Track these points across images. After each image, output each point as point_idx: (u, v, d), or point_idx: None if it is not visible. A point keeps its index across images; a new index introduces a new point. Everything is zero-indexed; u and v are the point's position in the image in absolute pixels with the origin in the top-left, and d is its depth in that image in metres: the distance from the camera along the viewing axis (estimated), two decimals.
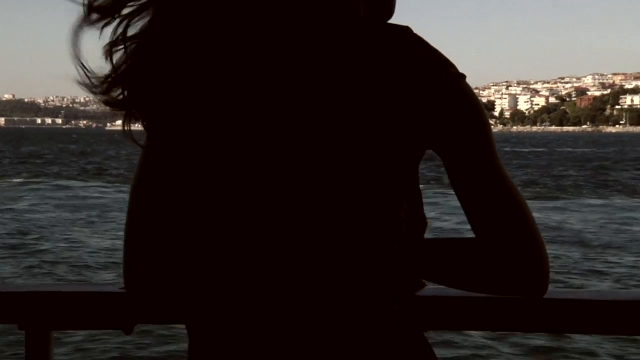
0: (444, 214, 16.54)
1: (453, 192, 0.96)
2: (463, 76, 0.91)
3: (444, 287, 1.02)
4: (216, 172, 0.89)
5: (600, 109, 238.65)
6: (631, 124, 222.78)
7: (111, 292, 1.21)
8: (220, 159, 0.89)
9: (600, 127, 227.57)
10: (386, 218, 0.88)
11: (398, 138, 0.88)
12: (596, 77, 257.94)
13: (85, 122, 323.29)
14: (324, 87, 0.87)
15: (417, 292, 1.00)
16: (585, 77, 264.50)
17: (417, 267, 0.97)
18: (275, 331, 0.88)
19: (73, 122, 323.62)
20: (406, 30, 0.91)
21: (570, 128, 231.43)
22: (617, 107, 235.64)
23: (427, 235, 0.98)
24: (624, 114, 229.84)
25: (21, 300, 1.23)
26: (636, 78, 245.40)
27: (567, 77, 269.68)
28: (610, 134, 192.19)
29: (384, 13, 0.99)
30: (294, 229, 0.86)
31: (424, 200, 0.97)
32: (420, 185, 0.95)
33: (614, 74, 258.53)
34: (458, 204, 0.94)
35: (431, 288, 1.06)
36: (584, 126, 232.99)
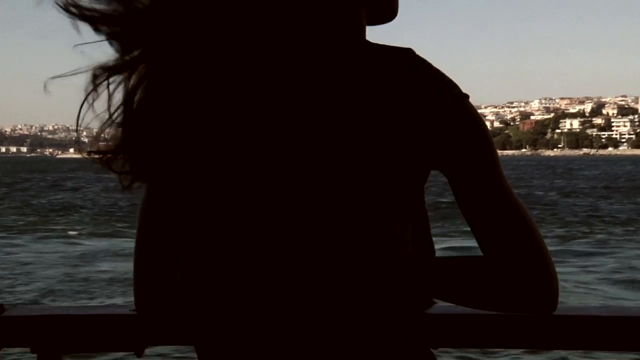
0: None
1: None
2: (467, 96, 0.92)
3: (453, 305, 1.03)
4: (227, 199, 0.91)
5: (542, 132, 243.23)
6: (569, 147, 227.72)
7: (122, 315, 1.23)
8: (232, 188, 0.91)
9: (540, 150, 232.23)
10: (390, 238, 0.89)
11: (403, 158, 0.89)
12: (543, 101, 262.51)
13: (51, 150, 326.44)
14: (331, 110, 0.88)
15: (427, 310, 1.01)
16: (532, 101, 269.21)
17: (426, 286, 0.98)
18: (284, 352, 0.91)
19: (39, 150, 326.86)
20: (409, 52, 0.92)
21: (511, 152, 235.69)
22: (557, 130, 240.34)
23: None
24: (563, 138, 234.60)
25: (33, 324, 1.24)
26: (580, 102, 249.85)
27: (516, 101, 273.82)
28: (548, 157, 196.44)
29: (386, 14, 1.04)
30: (300, 252, 0.89)
31: None
32: None
33: (561, 99, 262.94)
34: None
35: (440, 306, 1.08)
36: (524, 150, 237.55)
